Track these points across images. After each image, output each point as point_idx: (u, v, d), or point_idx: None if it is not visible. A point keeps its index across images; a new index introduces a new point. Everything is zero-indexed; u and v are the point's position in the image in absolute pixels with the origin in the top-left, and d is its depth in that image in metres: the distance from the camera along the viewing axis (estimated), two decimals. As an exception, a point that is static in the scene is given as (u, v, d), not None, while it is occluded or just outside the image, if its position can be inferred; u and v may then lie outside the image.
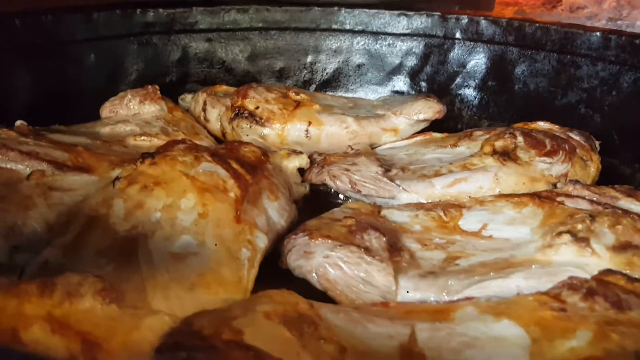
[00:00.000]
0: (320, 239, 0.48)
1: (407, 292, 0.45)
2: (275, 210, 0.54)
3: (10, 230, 0.47)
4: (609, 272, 0.40)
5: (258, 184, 0.55)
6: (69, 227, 0.48)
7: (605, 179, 0.67)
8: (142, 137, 0.66)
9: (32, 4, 0.75)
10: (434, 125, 0.80)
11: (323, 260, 0.47)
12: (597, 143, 0.71)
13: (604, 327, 0.33)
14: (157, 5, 0.83)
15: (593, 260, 0.45)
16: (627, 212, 0.50)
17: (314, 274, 0.47)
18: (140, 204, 0.49)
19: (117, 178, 0.52)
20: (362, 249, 0.47)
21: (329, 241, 0.48)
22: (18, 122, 0.61)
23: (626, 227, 0.47)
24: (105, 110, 0.72)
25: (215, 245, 0.47)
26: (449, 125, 0.86)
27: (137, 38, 0.82)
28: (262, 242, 0.49)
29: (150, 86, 0.73)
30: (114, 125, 0.68)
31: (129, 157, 0.59)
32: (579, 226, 0.47)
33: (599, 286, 0.38)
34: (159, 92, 0.73)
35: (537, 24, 0.80)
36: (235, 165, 0.55)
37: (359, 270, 0.46)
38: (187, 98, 0.82)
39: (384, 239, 0.49)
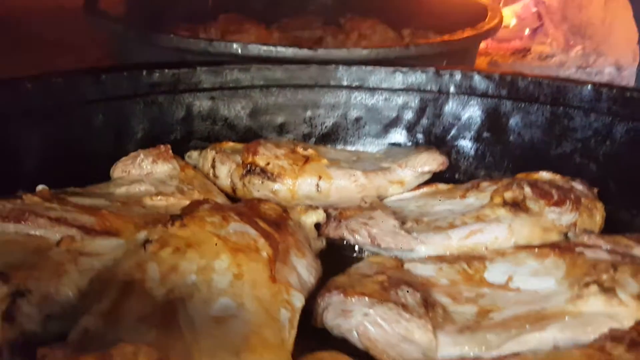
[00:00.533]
0: (356, 297, 0.49)
1: (447, 348, 0.46)
2: (304, 268, 0.55)
3: (44, 299, 0.47)
4: (644, 322, 0.42)
5: (285, 241, 0.56)
6: (104, 294, 0.48)
7: (605, 225, 0.70)
8: (159, 197, 0.66)
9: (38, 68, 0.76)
10: (434, 176, 0.82)
11: (363, 318, 0.47)
12: (595, 190, 0.74)
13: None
14: (162, 66, 0.84)
15: (621, 309, 0.47)
16: (643, 260, 0.52)
17: (354, 333, 0.47)
18: (175, 267, 0.49)
19: (148, 241, 0.52)
20: (400, 306, 0.48)
21: (366, 299, 0.49)
22: (40, 187, 0.60)
23: (647, 276, 0.49)
24: (118, 171, 0.72)
25: (254, 306, 0.47)
26: (446, 175, 0.89)
27: (144, 98, 0.83)
28: (299, 301, 0.50)
29: (162, 146, 0.74)
30: (128, 186, 0.68)
31: (151, 218, 0.59)
32: (604, 276, 0.49)
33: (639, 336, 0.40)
34: (170, 151, 0.74)
35: (529, 79, 0.84)
36: (262, 224, 0.55)
37: (399, 327, 0.47)
38: (193, 155, 0.83)
39: (418, 294, 0.50)
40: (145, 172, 0.71)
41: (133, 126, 0.83)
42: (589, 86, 0.79)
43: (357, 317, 0.48)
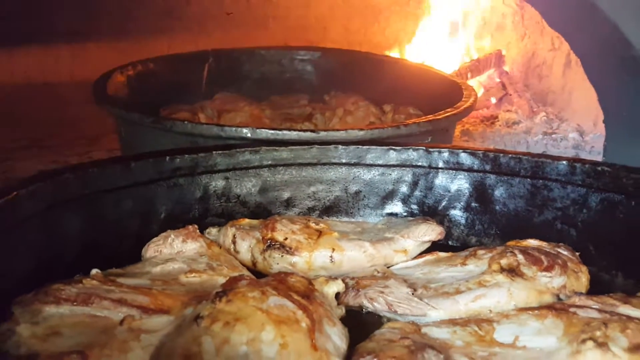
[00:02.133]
0: (388, 360, 0.56)
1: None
2: (336, 335, 0.62)
3: (115, 375, 0.52)
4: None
5: (317, 312, 0.63)
6: (167, 367, 0.54)
7: (590, 286, 0.79)
8: (193, 274, 0.73)
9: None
10: (432, 243, 0.91)
11: (396, 381, 0.54)
12: (577, 255, 0.84)
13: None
14: (183, 152, 0.92)
15: (614, 361, 0.55)
16: (629, 318, 0.61)
17: (390, 393, 0.54)
18: (227, 340, 0.56)
19: (200, 317, 0.58)
20: (427, 368, 0.55)
21: (397, 363, 0.56)
22: (94, 271, 0.66)
23: (634, 331, 0.58)
24: (150, 251, 0.79)
25: (302, 373, 0.54)
26: (441, 242, 0.97)
27: (166, 181, 0.91)
28: (339, 366, 0.56)
29: (190, 226, 0.81)
30: (163, 265, 0.74)
31: (193, 295, 0.66)
32: (597, 333, 0.57)
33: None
34: (198, 230, 0.81)
35: (510, 155, 0.95)
36: (296, 297, 0.62)
37: (429, 389, 0.54)
38: (212, 232, 0.90)
39: (442, 356, 0.57)
40: (176, 251, 0.78)
41: (157, 208, 0.90)
42: (565, 162, 0.90)
43: (391, 379, 0.54)
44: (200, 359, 0.54)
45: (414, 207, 1.03)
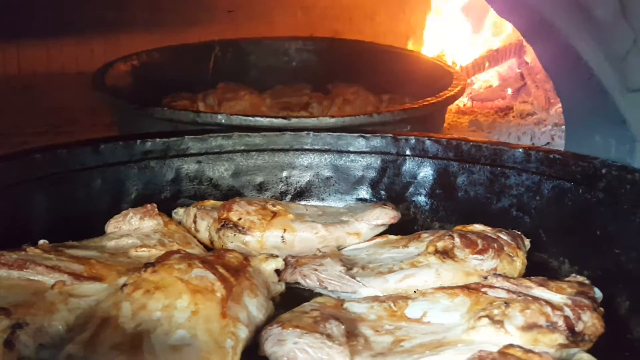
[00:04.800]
0: (290, 329, 0.60)
1: (361, 369, 0.56)
2: (254, 307, 0.66)
3: (38, 331, 0.58)
4: (510, 346, 0.52)
5: (240, 284, 0.67)
6: (86, 327, 0.59)
7: (537, 271, 0.80)
8: (142, 249, 0.78)
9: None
10: (396, 228, 0.93)
11: (293, 346, 0.58)
12: (528, 241, 0.85)
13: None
14: (154, 135, 0.98)
15: (506, 338, 0.57)
16: (537, 299, 0.62)
17: (285, 358, 0.58)
18: (144, 306, 0.61)
19: (125, 285, 0.64)
20: (325, 336, 0.58)
21: (298, 330, 0.59)
22: (41, 242, 0.73)
23: (534, 311, 0.60)
24: (110, 227, 0.85)
25: (205, 337, 0.58)
26: (407, 227, 0.99)
27: (137, 163, 0.97)
28: (244, 333, 0.61)
29: (149, 205, 0.87)
30: (118, 239, 0.80)
31: (133, 266, 0.71)
32: (495, 311, 0.59)
33: (500, 356, 0.50)
34: (156, 209, 0.87)
35: (471, 143, 0.97)
36: (221, 270, 0.67)
37: (322, 353, 0.57)
38: (179, 212, 0.95)
39: (343, 326, 0.60)
40: (133, 228, 0.83)
41: (128, 188, 0.96)
42: (521, 149, 0.91)
43: (288, 345, 0.58)
44: (115, 321, 0.59)
45: (382, 192, 1.06)
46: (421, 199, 1.03)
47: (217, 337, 0.59)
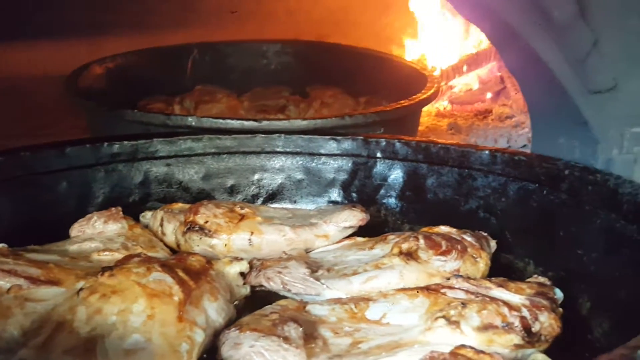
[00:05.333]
0: (248, 332, 0.59)
1: (317, 372, 0.56)
2: (214, 310, 0.65)
3: (-8, 336, 0.57)
4: (462, 346, 0.52)
5: (200, 288, 0.67)
6: (40, 331, 0.59)
7: (503, 272, 0.80)
8: (105, 253, 0.77)
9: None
10: (367, 230, 0.93)
11: (249, 349, 0.57)
12: (494, 242, 0.85)
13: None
14: (122, 138, 0.97)
15: (462, 338, 0.57)
16: (495, 300, 0.62)
17: (241, 362, 0.57)
18: (99, 310, 0.60)
19: (81, 289, 0.63)
20: (282, 338, 0.58)
21: (255, 333, 0.59)
22: (0, 246, 0.72)
23: (490, 312, 0.60)
24: (74, 230, 0.84)
25: (160, 341, 0.58)
26: (378, 229, 0.99)
27: (104, 166, 0.96)
28: (200, 336, 0.60)
29: (113, 208, 0.86)
30: (81, 243, 0.79)
31: (93, 270, 0.71)
32: (452, 312, 0.59)
33: (451, 357, 0.50)
34: (121, 212, 0.86)
35: (439, 145, 0.97)
36: (181, 273, 0.66)
37: (278, 356, 0.57)
38: (147, 215, 0.95)
39: (301, 329, 0.60)
40: (97, 231, 0.83)
41: (94, 191, 0.95)
42: (487, 151, 0.91)
43: (244, 348, 0.58)
44: (70, 326, 0.59)
45: (354, 195, 1.05)
46: (392, 201, 1.03)
47: (173, 341, 0.58)
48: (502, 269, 0.82)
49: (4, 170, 0.85)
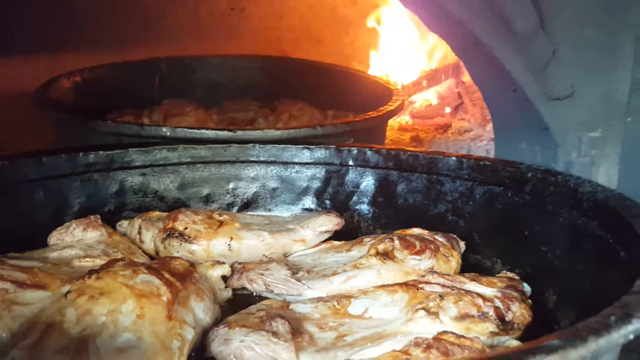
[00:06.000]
0: (237, 328, 0.61)
1: (306, 364, 0.58)
2: (201, 310, 0.67)
3: (-21, 339, 0.57)
4: (444, 332, 0.55)
5: (186, 289, 0.68)
6: (29, 333, 0.59)
7: (473, 271, 0.84)
8: (86, 259, 0.78)
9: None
10: (340, 235, 0.96)
11: (239, 344, 0.59)
12: (463, 243, 0.89)
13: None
14: (98, 148, 0.98)
15: (441, 327, 0.61)
16: (469, 292, 0.66)
17: (232, 357, 0.59)
18: (89, 311, 0.61)
19: (69, 292, 0.64)
20: (271, 333, 0.60)
21: (244, 329, 0.61)
22: (-18, 251, 0.72)
23: (466, 303, 0.64)
24: (53, 239, 0.84)
25: (151, 339, 0.59)
26: (351, 234, 1.02)
27: (80, 176, 0.96)
28: (190, 334, 0.62)
29: (92, 216, 0.86)
30: (61, 251, 0.80)
31: (77, 275, 0.71)
32: (431, 304, 0.63)
33: (435, 342, 0.53)
34: (99, 220, 0.87)
35: (409, 152, 1.01)
36: (167, 275, 0.68)
37: (268, 349, 0.59)
38: (124, 224, 0.95)
39: (288, 324, 0.62)
40: (76, 239, 0.83)
41: (70, 200, 0.95)
42: (454, 157, 0.96)
43: (235, 343, 0.60)
44: (60, 327, 0.59)
45: (327, 202, 1.09)
46: (364, 207, 1.06)
47: (163, 339, 0.59)
48: (471, 269, 0.86)
49: (-19, 178, 0.84)
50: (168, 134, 1.08)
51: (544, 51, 0.93)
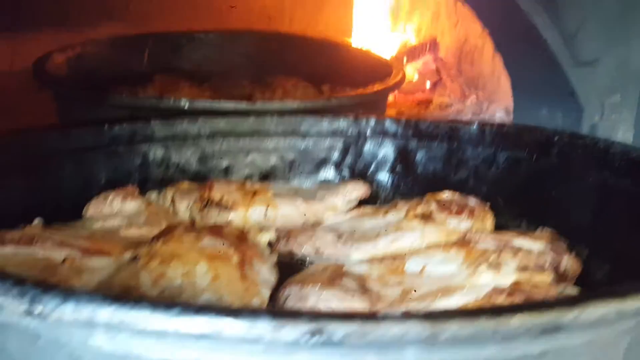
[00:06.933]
0: (310, 286, 0.63)
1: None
2: (266, 271, 0.68)
3: (57, 306, 0.57)
4: (518, 282, 0.59)
5: (248, 252, 0.69)
6: (107, 298, 0.59)
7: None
8: (132, 229, 0.78)
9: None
10: (360, 204, 0.98)
11: (317, 301, 0.61)
12: (487, 204, 0.93)
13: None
14: (121, 121, 0.97)
15: (505, 279, 0.64)
16: (520, 248, 0.70)
17: (310, 313, 0.61)
18: (163, 274, 0.61)
19: (136, 257, 0.64)
20: (344, 289, 0.62)
21: (317, 287, 0.63)
22: (36, 221, 0.70)
23: (522, 256, 0.67)
24: (90, 210, 0.83)
25: (231, 299, 0.60)
26: (370, 203, 1.05)
27: (105, 149, 0.95)
28: (266, 293, 0.63)
29: (130, 186, 0.86)
30: (103, 221, 0.79)
31: (132, 242, 0.71)
32: (491, 258, 0.66)
33: (515, 289, 0.56)
34: (137, 190, 0.86)
35: (429, 122, 1.04)
36: (229, 239, 0.69)
37: (344, 305, 0.61)
38: (152, 195, 0.95)
39: (356, 282, 0.65)
40: (115, 210, 0.82)
41: (97, 174, 0.94)
42: (475, 125, 1.00)
43: (312, 300, 0.61)
44: (137, 291, 0.59)
45: (346, 172, 1.10)
46: (383, 176, 1.09)
47: (243, 298, 0.61)
48: (496, 230, 0.90)
49: (11, 152, 0.82)
50: (186, 106, 1.07)
51: (576, 18, 0.96)
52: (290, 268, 0.81)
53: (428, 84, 2.46)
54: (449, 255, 0.71)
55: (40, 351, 0.36)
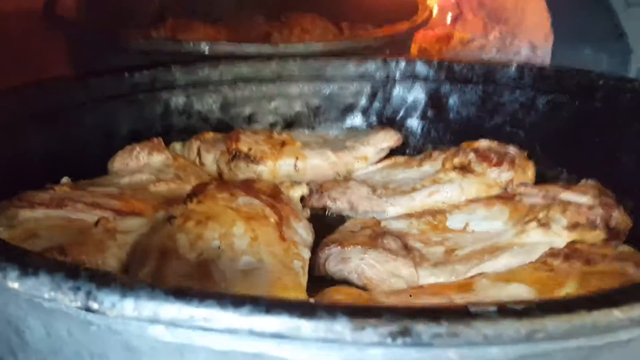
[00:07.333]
0: (351, 247, 0.60)
1: (425, 279, 0.59)
2: (302, 229, 0.66)
3: (94, 269, 0.55)
4: (573, 242, 0.56)
5: (283, 210, 0.67)
6: (145, 262, 0.57)
7: (537, 182, 0.85)
8: (161, 184, 0.75)
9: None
10: (390, 151, 0.95)
11: (359, 262, 0.59)
12: (525, 153, 0.89)
13: (584, 277, 0.49)
14: (141, 68, 0.92)
15: (555, 238, 0.61)
16: (569, 202, 0.67)
17: (354, 274, 0.59)
18: (200, 236, 0.59)
19: (172, 217, 0.61)
20: (387, 250, 0.60)
21: (359, 247, 0.60)
22: (64, 179, 0.68)
23: (572, 212, 0.64)
24: (117, 163, 0.80)
25: (272, 260, 0.58)
26: (399, 151, 1.01)
27: (125, 98, 0.91)
28: (306, 254, 0.61)
29: (155, 139, 0.82)
30: (131, 176, 0.76)
31: (163, 200, 0.69)
32: (540, 215, 0.63)
33: (571, 251, 0.54)
34: (163, 143, 0.83)
35: (463, 64, 0.99)
36: (264, 197, 0.66)
37: (388, 266, 0.59)
38: (176, 146, 0.92)
39: (399, 241, 0.62)
40: (142, 164, 0.79)
41: (118, 124, 0.90)
42: (513, 67, 0.94)
43: (355, 261, 0.59)
44: (175, 253, 0.57)
45: (373, 118, 1.06)
46: (412, 122, 1.04)
47: (283, 260, 0.58)
48: (536, 179, 0.86)
49: (33, 103, 0.78)
50: (207, 50, 1.02)
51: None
52: (323, 223, 0.79)
53: (449, 18, 2.35)
54: (493, 210, 0.68)
55: (93, 337, 0.34)
